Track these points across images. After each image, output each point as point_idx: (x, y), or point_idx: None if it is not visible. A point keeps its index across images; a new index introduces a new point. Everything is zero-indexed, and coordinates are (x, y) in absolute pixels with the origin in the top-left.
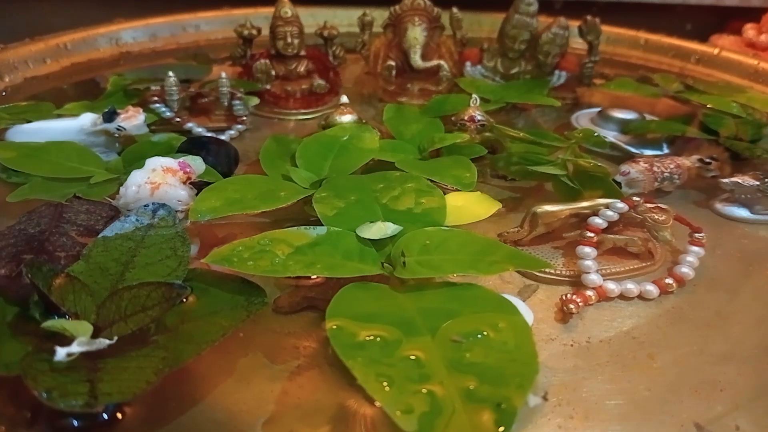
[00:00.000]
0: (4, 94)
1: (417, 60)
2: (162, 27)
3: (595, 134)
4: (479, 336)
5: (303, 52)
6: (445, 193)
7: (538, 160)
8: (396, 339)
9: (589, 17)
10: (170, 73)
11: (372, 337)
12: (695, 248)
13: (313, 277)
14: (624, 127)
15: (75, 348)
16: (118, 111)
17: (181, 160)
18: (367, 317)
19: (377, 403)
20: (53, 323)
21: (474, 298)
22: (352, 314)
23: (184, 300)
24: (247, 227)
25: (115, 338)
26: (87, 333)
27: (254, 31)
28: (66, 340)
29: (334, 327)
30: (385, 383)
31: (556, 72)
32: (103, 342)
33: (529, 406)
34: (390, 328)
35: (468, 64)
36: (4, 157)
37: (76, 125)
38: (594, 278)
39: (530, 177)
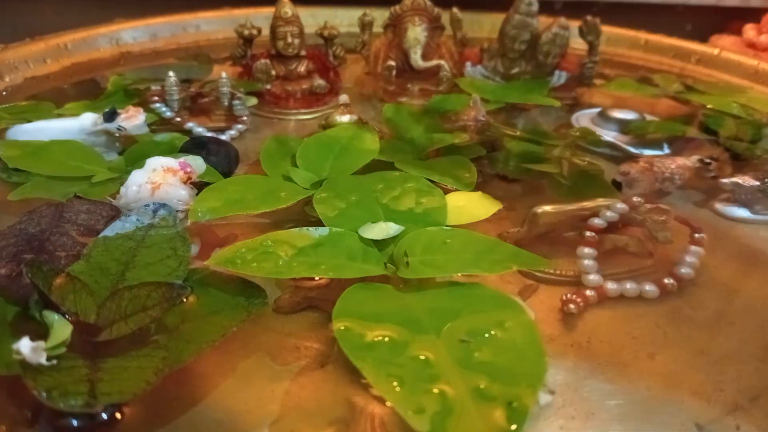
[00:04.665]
0: (4, 94)
1: (417, 60)
2: (162, 27)
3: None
4: (486, 335)
5: (303, 52)
6: (445, 194)
7: (534, 158)
8: (404, 339)
9: (589, 17)
10: (171, 73)
11: (380, 338)
12: (695, 248)
13: (316, 278)
14: (624, 127)
15: (23, 349)
16: (119, 111)
17: (181, 160)
18: (373, 318)
19: (387, 403)
20: (48, 314)
21: (479, 297)
22: (358, 315)
23: (185, 300)
24: (248, 227)
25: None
26: (63, 336)
27: (254, 31)
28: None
29: (342, 328)
30: (395, 383)
31: (556, 72)
32: (41, 357)
33: (539, 405)
34: (397, 329)
35: (468, 64)
36: (7, 156)
37: (76, 125)
38: (594, 278)
39: (525, 175)
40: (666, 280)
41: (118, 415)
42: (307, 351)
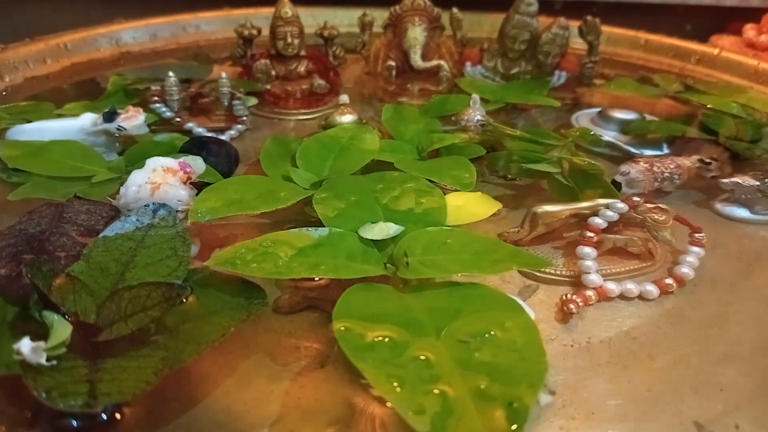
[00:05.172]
0: (4, 94)
1: (417, 60)
2: (162, 27)
3: (591, 133)
4: (487, 335)
5: (303, 53)
6: (444, 194)
7: (534, 158)
8: (404, 340)
9: (589, 17)
10: (170, 73)
11: (380, 338)
12: (695, 248)
13: (316, 278)
14: (624, 127)
15: (24, 349)
16: (119, 111)
17: (181, 160)
18: (373, 318)
19: (388, 404)
20: (48, 315)
21: (479, 298)
22: (358, 315)
23: (184, 300)
24: (248, 228)
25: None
26: (63, 336)
27: (254, 31)
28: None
29: (342, 329)
30: (396, 384)
31: (556, 72)
32: (41, 357)
33: (540, 405)
34: (397, 329)
35: (468, 64)
36: (7, 156)
37: (76, 125)
38: (594, 278)
39: (526, 175)
40: (666, 280)
41: (118, 416)
42: (307, 351)
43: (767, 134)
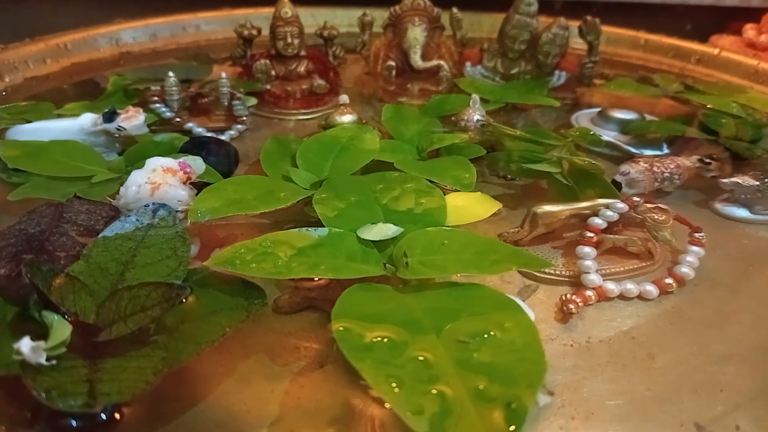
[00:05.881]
0: (4, 94)
1: (417, 60)
2: (162, 27)
3: (591, 132)
4: (486, 336)
5: (303, 53)
6: (444, 194)
7: (534, 158)
8: (403, 340)
9: (589, 17)
10: (170, 73)
11: (379, 339)
12: (695, 248)
13: (316, 279)
14: (624, 127)
15: (24, 349)
16: (119, 111)
17: (181, 160)
18: (373, 318)
19: (386, 405)
20: (47, 315)
21: (478, 298)
22: (358, 315)
23: (184, 300)
24: (248, 228)
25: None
26: (62, 336)
27: (254, 32)
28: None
29: (341, 329)
30: (394, 384)
31: (556, 72)
32: (41, 357)
33: (538, 406)
34: (396, 329)
35: (468, 64)
36: (7, 156)
37: (76, 125)
38: (594, 278)
39: (526, 175)
40: (666, 280)
41: (117, 416)
42: (306, 351)
43: (767, 134)
